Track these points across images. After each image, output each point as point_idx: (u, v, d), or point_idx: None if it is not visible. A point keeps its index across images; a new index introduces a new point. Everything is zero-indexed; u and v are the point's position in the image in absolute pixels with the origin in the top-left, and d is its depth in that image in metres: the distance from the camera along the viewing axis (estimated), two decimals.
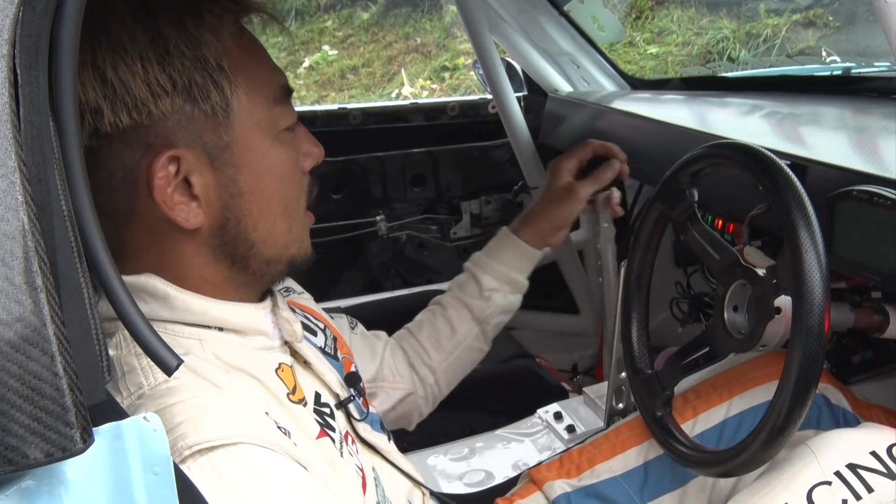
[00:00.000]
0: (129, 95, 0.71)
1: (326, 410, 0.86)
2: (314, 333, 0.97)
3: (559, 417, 1.41)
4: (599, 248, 1.36)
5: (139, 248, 0.78)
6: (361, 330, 1.19)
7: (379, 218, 2.08)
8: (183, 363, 0.55)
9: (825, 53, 4.83)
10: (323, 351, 0.95)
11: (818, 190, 0.91)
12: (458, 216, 2.17)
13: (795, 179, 0.86)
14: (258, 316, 0.83)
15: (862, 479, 0.87)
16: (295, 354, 0.87)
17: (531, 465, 1.24)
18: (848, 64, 2.22)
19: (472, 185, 2.16)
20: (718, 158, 0.99)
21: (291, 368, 0.84)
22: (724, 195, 1.17)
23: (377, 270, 2.16)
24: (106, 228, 0.74)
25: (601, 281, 1.39)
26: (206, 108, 0.74)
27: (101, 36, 0.70)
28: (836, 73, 2.01)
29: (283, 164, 0.81)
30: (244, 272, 0.82)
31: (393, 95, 6.15)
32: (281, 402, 0.79)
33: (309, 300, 1.07)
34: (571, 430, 1.38)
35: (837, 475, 0.88)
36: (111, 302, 0.54)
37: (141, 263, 0.78)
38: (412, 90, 6.16)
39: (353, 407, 0.92)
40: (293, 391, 0.81)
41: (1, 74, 0.46)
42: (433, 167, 2.12)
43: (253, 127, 0.78)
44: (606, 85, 1.93)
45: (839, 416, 1.08)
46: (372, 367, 1.16)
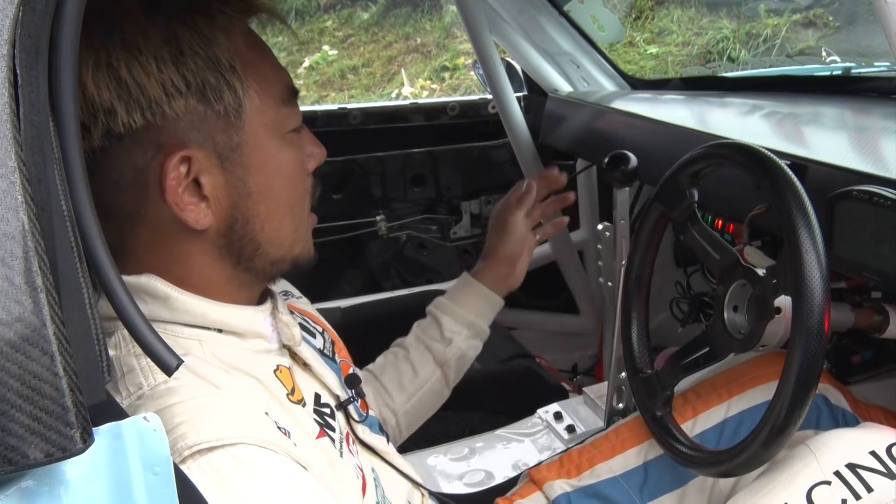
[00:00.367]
0: (143, 96, 0.71)
1: (326, 411, 0.86)
2: (312, 336, 0.97)
3: (559, 417, 1.41)
4: (601, 248, 1.36)
5: (143, 248, 0.78)
6: None
7: (379, 218, 2.08)
8: (184, 363, 0.55)
9: (825, 53, 4.83)
10: (322, 353, 0.95)
11: (818, 190, 0.91)
12: (458, 216, 2.17)
13: (795, 179, 0.86)
14: (257, 319, 0.83)
15: (861, 478, 0.87)
16: (294, 357, 0.87)
17: (531, 465, 1.24)
18: (848, 64, 2.22)
19: (472, 185, 2.16)
20: (718, 158, 0.99)
21: (290, 370, 0.84)
22: (724, 195, 1.17)
23: (377, 270, 2.16)
24: (109, 229, 0.74)
25: (601, 281, 1.39)
26: (218, 108, 0.75)
27: (115, 36, 0.70)
28: (836, 73, 2.01)
29: (290, 164, 0.82)
30: (248, 272, 0.82)
31: (393, 95, 6.15)
32: (280, 402, 0.79)
33: (307, 304, 1.07)
34: (571, 430, 1.37)
35: (837, 475, 0.88)
36: (111, 302, 0.54)
37: (143, 264, 0.77)
38: (412, 90, 6.16)
39: (352, 409, 0.92)
40: (292, 392, 0.81)
41: (1, 74, 0.46)
42: (433, 167, 2.13)
43: (263, 127, 0.78)
44: (606, 85, 1.93)
45: (839, 416, 1.08)
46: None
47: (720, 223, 1.32)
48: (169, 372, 0.54)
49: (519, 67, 2.02)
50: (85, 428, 0.46)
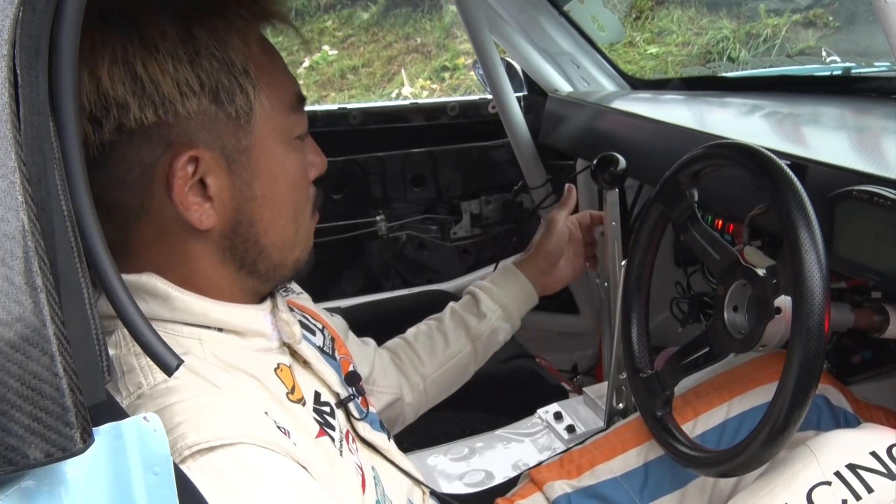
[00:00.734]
0: (157, 93, 0.71)
1: (326, 409, 0.86)
2: (312, 333, 0.97)
3: (559, 417, 1.41)
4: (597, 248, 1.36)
5: (146, 245, 0.78)
6: (352, 335, 1.20)
7: (379, 218, 2.08)
8: (184, 363, 0.55)
9: (825, 53, 4.83)
10: (321, 350, 0.95)
11: (818, 190, 0.91)
12: (458, 216, 2.16)
13: (795, 179, 0.86)
14: (258, 318, 0.83)
15: (862, 479, 0.87)
16: (294, 354, 0.87)
17: (531, 465, 1.24)
18: (848, 64, 2.22)
19: (472, 185, 2.16)
20: (718, 158, 0.99)
21: (290, 368, 0.84)
22: (724, 195, 1.17)
23: (377, 270, 2.16)
24: (113, 225, 0.75)
25: (601, 281, 1.39)
26: (230, 110, 0.75)
27: (133, 33, 0.70)
28: (836, 73, 2.01)
29: (295, 170, 0.83)
30: (252, 276, 0.83)
31: (393, 95, 6.15)
32: (280, 401, 0.79)
33: (307, 300, 1.07)
34: (571, 430, 1.37)
35: (837, 475, 0.88)
36: (111, 301, 0.54)
37: (145, 262, 0.78)
38: (412, 90, 6.16)
39: (352, 406, 0.92)
40: (292, 391, 0.81)
41: (1, 74, 0.46)
42: (433, 167, 2.12)
43: (271, 132, 0.79)
44: (606, 85, 1.93)
45: (839, 416, 1.08)
46: (364, 369, 1.17)
47: (720, 223, 1.32)
48: (169, 372, 0.54)
49: (519, 67, 2.02)
50: (85, 428, 0.46)
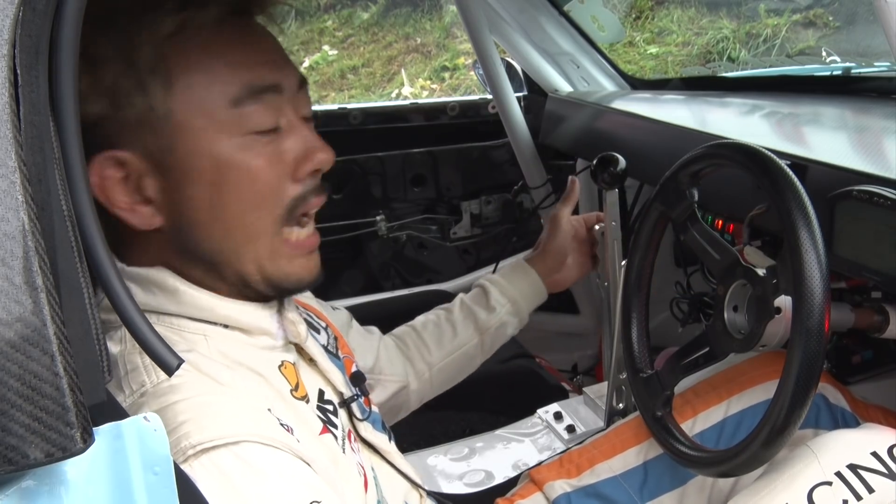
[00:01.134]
0: None
1: (329, 408, 0.86)
2: (317, 331, 0.98)
3: (559, 417, 1.41)
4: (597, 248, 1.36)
5: (145, 242, 0.78)
6: (356, 325, 1.21)
7: (379, 218, 2.08)
8: (184, 362, 0.55)
9: (825, 53, 4.83)
10: (326, 349, 0.95)
11: (818, 190, 0.91)
12: (458, 216, 2.16)
13: (795, 179, 0.86)
14: (264, 316, 0.83)
15: (863, 479, 0.87)
16: (301, 352, 0.87)
17: (531, 465, 1.24)
18: (848, 64, 2.22)
19: (472, 185, 2.16)
20: (718, 158, 0.99)
21: (294, 366, 0.84)
22: (724, 195, 1.17)
23: (377, 270, 2.16)
24: (121, 224, 0.75)
25: (601, 281, 1.39)
26: (137, 112, 0.73)
27: None
28: (836, 73, 2.01)
29: (243, 172, 0.75)
30: (222, 281, 0.80)
31: (393, 95, 6.15)
32: (284, 398, 0.79)
33: (310, 298, 1.07)
34: (571, 430, 1.37)
35: (838, 475, 0.88)
36: (111, 301, 0.54)
37: (156, 258, 0.78)
38: (412, 90, 6.16)
39: (355, 406, 0.92)
40: (296, 388, 0.81)
41: (1, 74, 0.46)
42: (433, 167, 2.12)
43: (201, 132, 0.74)
44: (606, 85, 1.93)
45: (837, 415, 1.08)
46: (370, 358, 1.17)
47: (720, 223, 1.32)
48: (169, 371, 0.54)
49: (519, 67, 2.02)
50: (85, 428, 0.46)
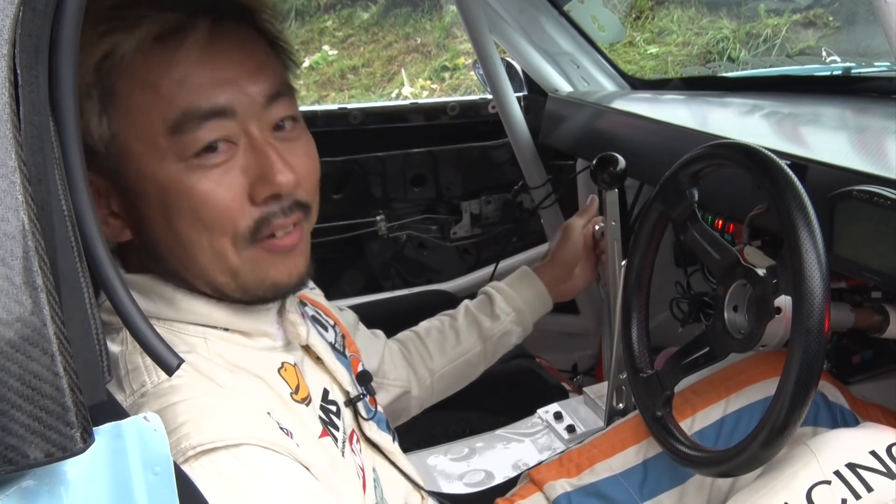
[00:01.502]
0: None
1: (333, 408, 0.86)
2: (325, 329, 0.97)
3: (559, 417, 1.41)
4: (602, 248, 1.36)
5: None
6: (363, 327, 1.20)
7: (379, 218, 2.08)
8: (185, 362, 0.55)
9: (825, 53, 4.83)
10: (333, 347, 0.95)
11: (818, 190, 0.91)
12: (458, 216, 2.16)
13: (795, 179, 0.86)
14: (263, 319, 0.83)
15: (861, 478, 0.87)
16: (307, 350, 0.87)
17: (531, 465, 1.24)
18: (848, 64, 2.22)
19: (472, 185, 2.16)
20: (718, 158, 0.99)
21: (295, 367, 0.84)
22: (724, 195, 1.17)
23: (377, 270, 2.16)
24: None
25: (601, 281, 1.39)
26: (89, 133, 0.72)
27: None
28: (836, 73, 2.01)
29: (192, 195, 0.73)
30: (207, 288, 0.79)
31: (393, 95, 6.15)
32: (284, 401, 0.79)
33: (320, 296, 1.07)
34: (571, 430, 1.37)
35: (837, 474, 0.88)
36: (111, 301, 0.54)
37: (161, 262, 0.79)
38: (412, 90, 6.16)
39: (361, 405, 0.92)
40: (296, 390, 0.81)
41: (1, 74, 0.46)
42: (433, 167, 2.12)
43: (141, 157, 0.73)
44: (606, 85, 1.93)
45: (836, 413, 1.08)
46: (374, 361, 1.17)
47: (720, 223, 1.32)
48: (169, 371, 0.54)
49: (519, 67, 2.02)
50: (85, 428, 0.46)
